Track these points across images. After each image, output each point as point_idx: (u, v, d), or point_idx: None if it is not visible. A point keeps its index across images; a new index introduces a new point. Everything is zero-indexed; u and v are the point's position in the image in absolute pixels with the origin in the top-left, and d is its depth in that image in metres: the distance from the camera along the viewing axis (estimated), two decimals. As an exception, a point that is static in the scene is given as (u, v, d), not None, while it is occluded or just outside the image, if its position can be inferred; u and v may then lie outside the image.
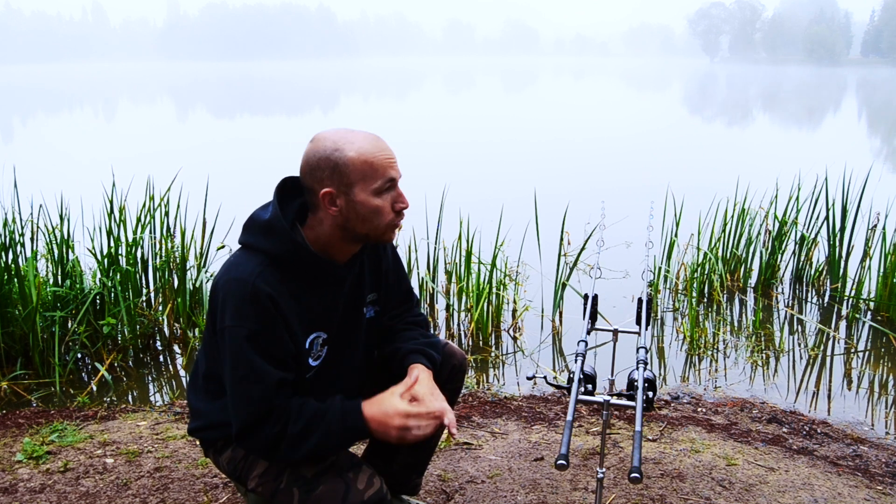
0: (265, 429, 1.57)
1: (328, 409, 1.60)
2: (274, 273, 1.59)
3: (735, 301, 5.02)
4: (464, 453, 2.71)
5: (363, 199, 1.59)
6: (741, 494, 2.43)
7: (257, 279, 1.56)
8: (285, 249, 1.59)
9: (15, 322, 3.57)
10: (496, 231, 4.63)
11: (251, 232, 1.64)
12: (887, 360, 4.02)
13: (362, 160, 1.57)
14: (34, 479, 2.49)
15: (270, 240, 1.60)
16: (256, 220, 1.65)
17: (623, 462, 2.65)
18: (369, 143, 1.59)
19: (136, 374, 3.79)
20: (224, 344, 1.58)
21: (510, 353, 4.18)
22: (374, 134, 1.64)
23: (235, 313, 1.55)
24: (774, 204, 5.30)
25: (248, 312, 1.55)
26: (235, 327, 1.55)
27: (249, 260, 1.60)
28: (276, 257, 1.60)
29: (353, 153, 1.57)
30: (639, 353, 1.77)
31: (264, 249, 1.60)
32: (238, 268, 1.59)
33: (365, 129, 1.65)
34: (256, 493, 1.70)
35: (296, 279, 1.62)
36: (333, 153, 1.57)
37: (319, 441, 1.57)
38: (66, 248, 3.94)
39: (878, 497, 2.45)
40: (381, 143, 1.62)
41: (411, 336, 1.86)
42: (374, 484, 1.63)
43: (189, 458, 2.65)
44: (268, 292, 1.55)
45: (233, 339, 1.55)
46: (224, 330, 1.57)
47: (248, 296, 1.55)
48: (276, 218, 1.60)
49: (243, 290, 1.55)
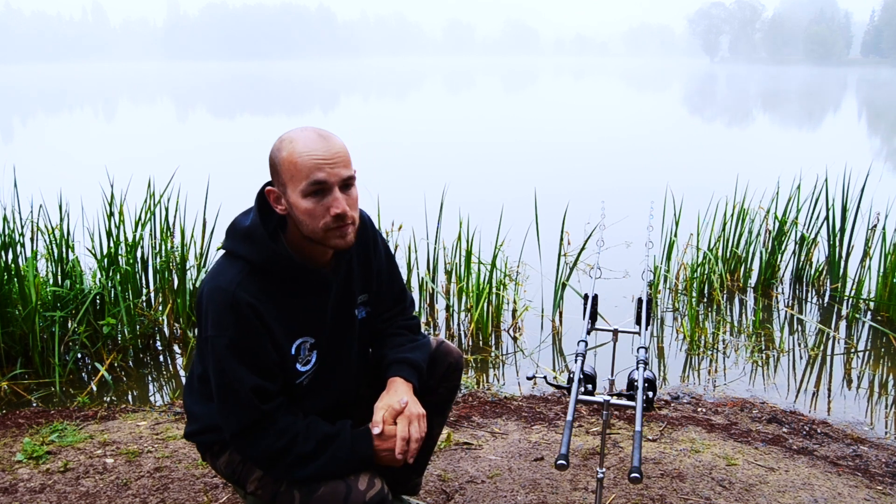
0: (266, 439, 1.58)
1: (338, 433, 1.62)
2: (254, 281, 1.58)
3: (735, 301, 5.02)
4: (464, 453, 2.71)
5: (294, 200, 1.56)
6: (741, 494, 2.43)
7: (237, 288, 1.56)
8: (265, 257, 1.59)
9: (15, 322, 3.57)
10: (496, 231, 4.63)
11: (233, 238, 1.64)
12: (887, 360, 4.02)
13: (290, 160, 1.54)
14: (34, 479, 2.49)
15: (250, 247, 1.60)
16: (238, 226, 1.64)
17: (623, 462, 2.65)
18: (305, 143, 1.54)
19: (136, 374, 3.79)
20: (208, 353, 1.59)
21: (510, 353, 4.18)
22: (322, 133, 1.57)
23: (216, 323, 1.56)
24: (774, 204, 5.29)
25: (229, 322, 1.55)
26: (216, 336, 1.56)
27: (231, 267, 1.60)
28: (256, 265, 1.60)
29: (286, 153, 1.55)
30: (639, 353, 1.77)
31: (245, 257, 1.60)
32: (219, 276, 1.60)
33: (322, 129, 1.59)
34: (256, 496, 1.70)
35: (277, 286, 1.62)
36: (276, 153, 1.57)
37: (326, 465, 1.60)
38: (66, 248, 3.94)
39: (878, 497, 2.45)
40: (319, 143, 1.55)
41: (398, 343, 1.85)
42: (375, 485, 1.63)
43: (189, 458, 2.65)
44: (248, 301, 1.55)
45: (214, 348, 1.57)
46: (207, 339, 1.58)
47: (228, 305, 1.55)
48: (254, 225, 1.60)
49: (223, 299, 1.56)
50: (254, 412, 1.58)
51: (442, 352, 1.94)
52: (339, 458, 1.60)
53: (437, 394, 1.94)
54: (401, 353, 1.81)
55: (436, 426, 2.00)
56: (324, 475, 1.60)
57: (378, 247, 1.85)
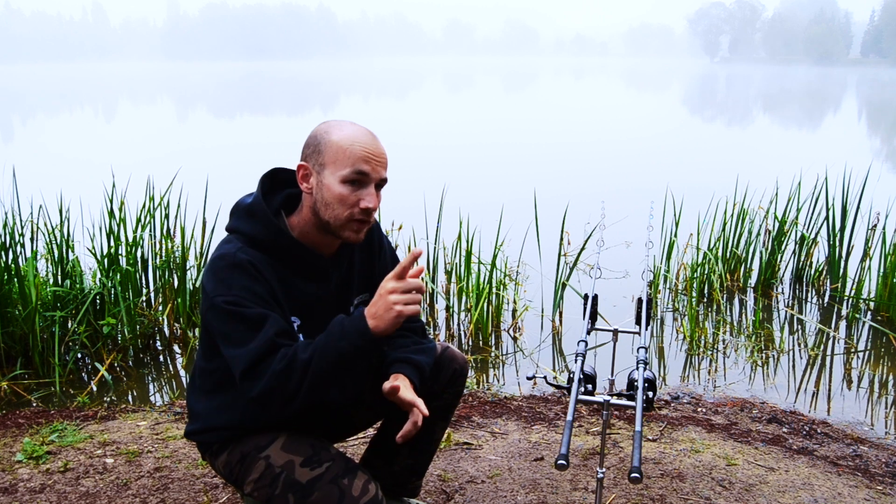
0: (271, 367, 1.51)
1: (330, 328, 1.55)
2: (255, 254, 1.61)
3: (735, 301, 5.02)
4: (464, 453, 2.71)
5: (330, 182, 1.59)
6: (741, 494, 2.43)
7: (238, 251, 1.59)
8: (266, 233, 1.62)
9: (15, 322, 3.57)
10: (496, 231, 4.63)
11: (235, 216, 1.69)
12: (887, 360, 4.02)
13: (339, 145, 1.59)
14: (34, 479, 2.49)
15: (251, 223, 1.63)
16: (240, 205, 1.69)
17: (623, 462, 2.65)
18: (358, 134, 1.62)
19: (136, 374, 3.79)
20: (216, 315, 1.56)
21: (510, 353, 4.18)
22: (371, 132, 1.66)
23: (219, 283, 1.56)
24: (774, 204, 5.30)
25: (233, 277, 1.56)
26: (220, 295, 1.55)
27: (230, 243, 1.63)
28: (256, 240, 1.62)
29: (336, 136, 1.60)
30: (639, 353, 1.77)
31: (245, 232, 1.63)
32: (220, 250, 1.63)
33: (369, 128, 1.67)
34: (252, 498, 1.70)
35: (276, 263, 1.63)
36: (323, 134, 1.62)
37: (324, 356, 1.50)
38: (66, 248, 3.94)
39: (878, 497, 2.45)
40: (370, 138, 1.63)
41: (402, 344, 1.81)
42: (369, 490, 1.62)
43: (189, 458, 2.65)
44: (249, 260, 1.58)
45: (223, 304, 1.54)
46: (211, 303, 1.56)
47: (230, 265, 1.57)
48: (256, 202, 1.65)
49: (225, 261, 1.58)
50: (262, 342, 1.51)
51: (447, 357, 1.94)
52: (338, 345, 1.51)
53: (442, 399, 1.94)
54: (404, 353, 1.78)
55: (438, 430, 2.00)
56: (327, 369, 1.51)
57: (384, 251, 1.86)
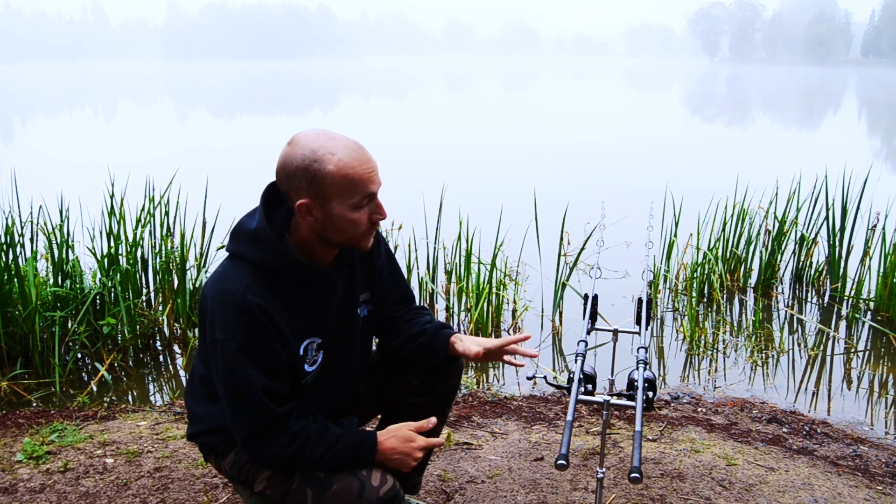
0: (277, 444, 1.57)
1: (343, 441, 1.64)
2: (262, 283, 1.57)
3: (735, 301, 5.02)
4: (464, 453, 2.71)
5: (340, 212, 1.55)
6: (741, 494, 2.43)
7: (247, 291, 1.54)
8: (273, 260, 1.57)
9: (15, 322, 3.57)
10: (496, 231, 4.63)
11: (238, 241, 1.62)
12: (887, 360, 4.02)
13: (341, 175, 1.51)
14: (34, 479, 2.49)
15: (257, 250, 1.58)
16: (243, 228, 1.62)
17: (623, 462, 2.65)
18: (349, 155, 1.53)
19: (136, 374, 3.79)
20: (216, 356, 1.57)
21: (510, 353, 4.17)
22: (355, 142, 1.57)
23: (225, 325, 1.54)
24: (774, 204, 5.29)
25: (239, 325, 1.53)
26: (226, 340, 1.54)
27: (237, 270, 1.58)
28: (263, 267, 1.58)
29: (332, 166, 1.51)
30: (639, 353, 1.77)
31: (252, 259, 1.58)
32: (226, 280, 1.58)
33: (345, 135, 1.58)
34: (265, 496, 1.69)
35: (285, 288, 1.60)
36: (312, 164, 1.51)
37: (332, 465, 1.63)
38: (66, 248, 3.94)
39: (878, 497, 2.45)
40: (362, 153, 1.55)
41: (425, 320, 1.92)
42: (387, 481, 1.64)
43: (189, 458, 2.65)
44: (258, 303, 1.53)
45: (224, 351, 1.54)
46: (215, 343, 1.56)
47: (237, 308, 1.53)
48: (262, 227, 1.57)
49: (233, 302, 1.53)
50: (266, 415, 1.56)
51: None
52: (344, 455, 1.63)
53: (438, 392, 1.95)
54: (438, 323, 1.92)
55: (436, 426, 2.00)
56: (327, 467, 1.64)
57: (379, 246, 1.87)
